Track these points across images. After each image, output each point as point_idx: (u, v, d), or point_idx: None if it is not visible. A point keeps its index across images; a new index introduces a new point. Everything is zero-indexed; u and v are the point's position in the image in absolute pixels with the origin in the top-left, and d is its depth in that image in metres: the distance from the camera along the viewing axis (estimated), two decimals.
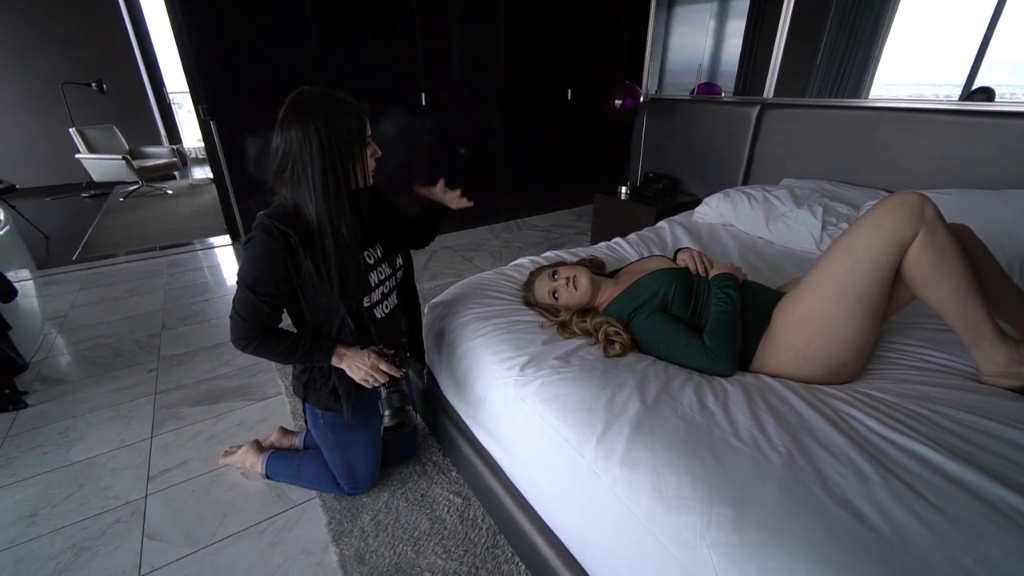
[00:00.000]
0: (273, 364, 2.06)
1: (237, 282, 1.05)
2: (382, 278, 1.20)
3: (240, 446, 1.52)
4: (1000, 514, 0.68)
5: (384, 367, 1.11)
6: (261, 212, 1.04)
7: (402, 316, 1.36)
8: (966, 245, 1.04)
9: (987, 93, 1.96)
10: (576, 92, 4.01)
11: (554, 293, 1.31)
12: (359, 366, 1.10)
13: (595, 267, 1.53)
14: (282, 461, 1.44)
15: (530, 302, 1.40)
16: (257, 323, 1.07)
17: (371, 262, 1.17)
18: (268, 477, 1.45)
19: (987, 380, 1.02)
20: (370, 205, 1.20)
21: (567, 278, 1.30)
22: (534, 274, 1.43)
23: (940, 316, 1.02)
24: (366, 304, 1.16)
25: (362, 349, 1.13)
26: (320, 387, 1.21)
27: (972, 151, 1.79)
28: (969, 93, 2.01)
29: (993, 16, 1.96)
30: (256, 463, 1.45)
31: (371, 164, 1.10)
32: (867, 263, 0.99)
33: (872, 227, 1.00)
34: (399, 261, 1.27)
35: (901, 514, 0.69)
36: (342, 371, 1.15)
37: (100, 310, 2.61)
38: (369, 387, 1.13)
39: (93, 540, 1.30)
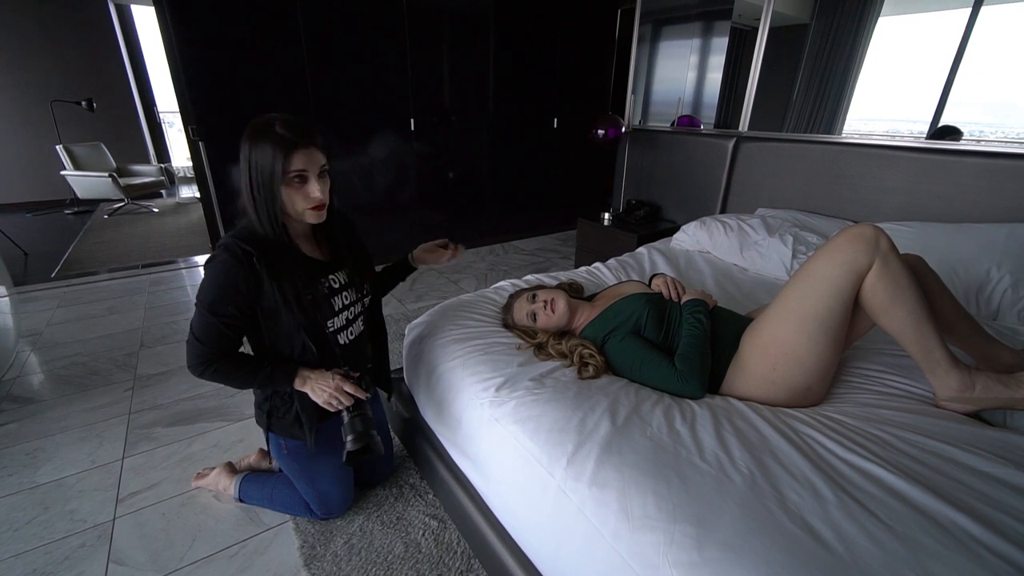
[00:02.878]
0: None
1: (196, 304, 1.02)
2: (347, 303, 1.20)
3: (213, 468, 1.50)
4: (946, 532, 0.71)
5: (349, 388, 1.10)
6: (228, 233, 1.05)
7: (368, 343, 1.35)
8: (919, 274, 1.10)
9: (954, 132, 2.06)
10: (562, 121, 4.13)
11: (532, 316, 1.34)
12: (323, 388, 1.09)
13: (573, 291, 1.57)
14: (255, 484, 1.42)
15: (509, 324, 1.43)
16: (215, 346, 1.04)
17: (336, 286, 1.17)
18: (241, 500, 1.42)
19: (943, 404, 1.06)
20: (338, 231, 1.20)
21: (545, 301, 1.33)
22: (513, 297, 1.46)
23: (897, 342, 1.07)
24: (330, 328, 1.16)
25: (326, 371, 1.12)
26: (283, 415, 1.19)
27: (933, 187, 1.88)
28: (936, 131, 2.11)
29: (956, 56, 2.09)
30: (229, 486, 1.43)
31: (303, 204, 1.02)
32: (827, 291, 1.04)
33: (831, 257, 1.05)
34: (366, 288, 1.27)
35: (854, 532, 0.72)
36: (305, 397, 1.13)
37: (77, 328, 2.57)
38: (333, 410, 1.11)
39: (55, 565, 1.26)
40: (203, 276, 1.02)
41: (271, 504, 1.40)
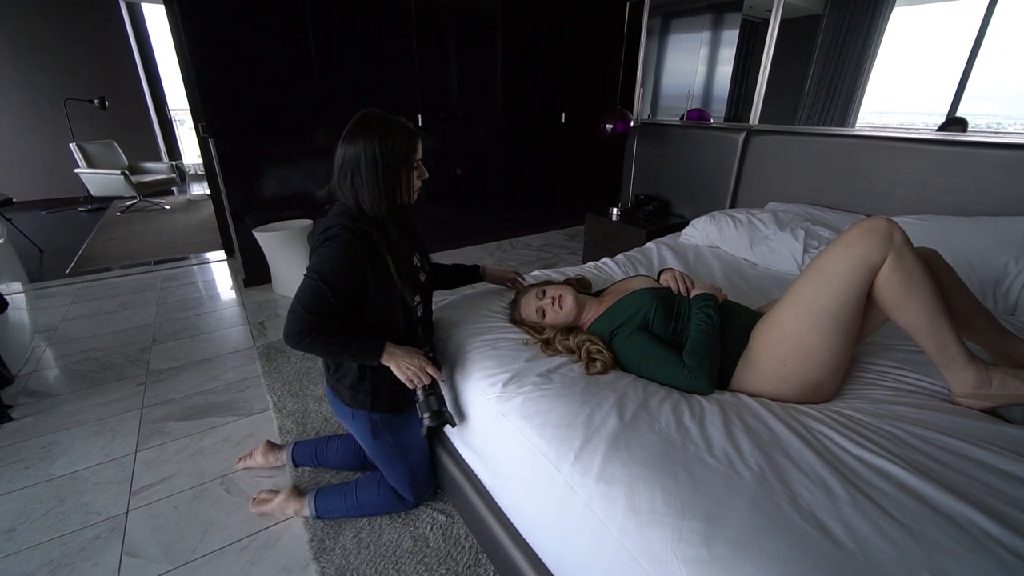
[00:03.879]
0: (262, 379, 2.06)
1: (309, 275, 1.07)
2: (422, 281, 1.29)
3: (275, 492, 1.42)
4: (961, 531, 0.70)
5: (430, 370, 1.16)
6: (332, 213, 1.13)
7: (431, 323, 1.40)
8: (934, 268, 1.08)
9: (961, 124, 2.02)
10: (570, 115, 4.10)
11: (541, 312, 1.33)
12: (408, 365, 1.14)
13: (581, 286, 1.56)
14: (333, 497, 1.37)
15: (516, 320, 1.42)
16: (321, 316, 1.07)
17: (417, 265, 1.26)
18: (320, 518, 1.36)
19: (958, 401, 1.04)
20: (411, 217, 1.30)
21: (553, 297, 1.32)
22: (520, 293, 1.45)
23: (912, 337, 1.05)
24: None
25: (411, 349, 1.17)
26: (379, 388, 1.22)
27: (948, 179, 1.84)
28: (943, 124, 2.07)
29: (973, 48, 2.04)
30: (301, 508, 1.38)
31: (417, 184, 1.18)
32: (839, 285, 1.03)
33: (844, 251, 1.03)
34: (429, 268, 1.37)
35: (866, 530, 0.71)
36: (390, 372, 1.17)
37: (91, 324, 2.61)
38: (411, 387, 1.16)
39: (71, 556, 1.29)
40: (320, 253, 1.07)
41: (358, 511, 1.36)
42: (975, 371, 1.00)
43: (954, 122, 2.03)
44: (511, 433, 1.05)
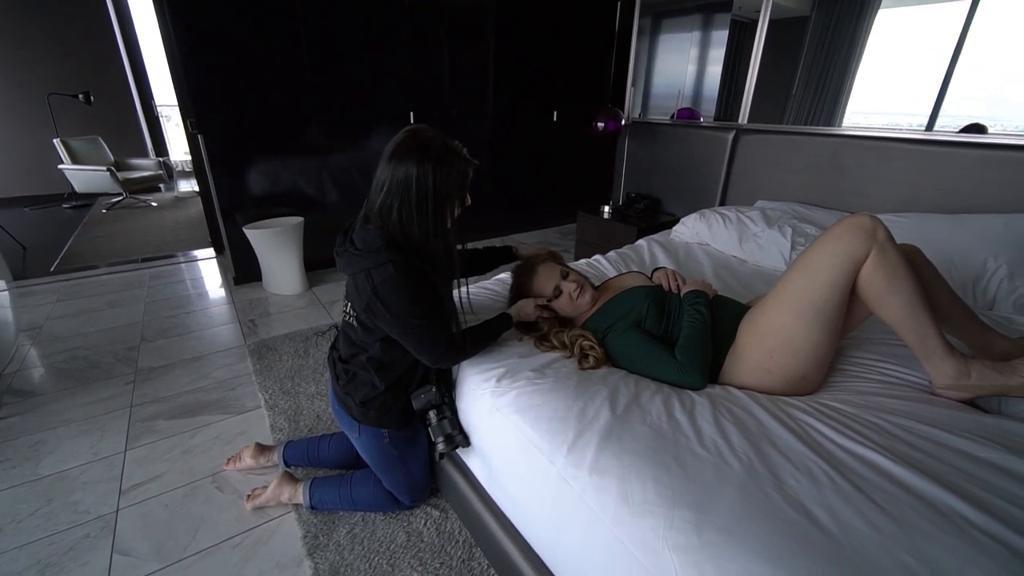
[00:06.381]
0: (253, 377, 2.05)
1: (406, 327, 1.06)
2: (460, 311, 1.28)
3: (264, 487, 1.42)
4: (942, 516, 0.72)
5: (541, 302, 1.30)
6: (371, 247, 1.04)
7: None
8: (916, 265, 1.11)
9: (980, 129, 2.01)
10: (562, 114, 4.12)
11: (557, 290, 1.29)
12: (528, 312, 1.27)
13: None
14: (328, 488, 1.37)
15: (520, 287, 1.37)
16: (452, 332, 1.11)
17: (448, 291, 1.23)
18: (314, 508, 1.37)
19: (939, 392, 1.07)
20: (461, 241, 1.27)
21: (578, 284, 1.30)
22: (540, 261, 1.36)
23: (894, 331, 1.07)
24: None
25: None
26: (391, 408, 1.21)
27: (932, 178, 1.89)
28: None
29: (956, 49, 2.08)
30: (295, 493, 1.38)
31: (455, 213, 1.13)
32: (824, 280, 1.05)
33: (828, 246, 1.06)
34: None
35: (851, 516, 0.73)
36: (405, 392, 1.21)
37: (77, 322, 2.57)
38: (532, 319, 1.27)
39: (60, 556, 1.27)
40: (393, 297, 1.03)
41: (352, 505, 1.36)
42: (955, 363, 1.03)
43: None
44: (505, 427, 1.06)
